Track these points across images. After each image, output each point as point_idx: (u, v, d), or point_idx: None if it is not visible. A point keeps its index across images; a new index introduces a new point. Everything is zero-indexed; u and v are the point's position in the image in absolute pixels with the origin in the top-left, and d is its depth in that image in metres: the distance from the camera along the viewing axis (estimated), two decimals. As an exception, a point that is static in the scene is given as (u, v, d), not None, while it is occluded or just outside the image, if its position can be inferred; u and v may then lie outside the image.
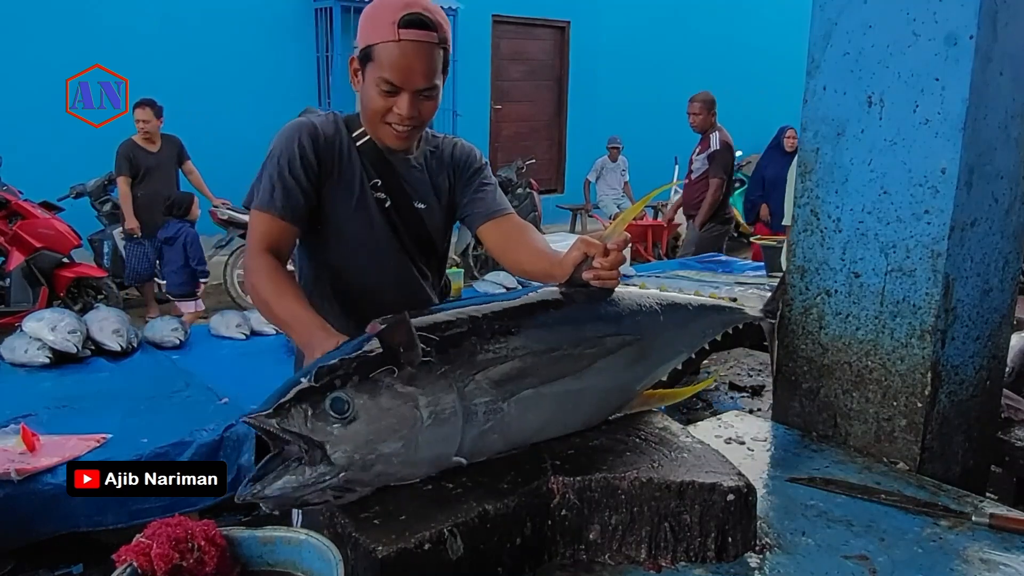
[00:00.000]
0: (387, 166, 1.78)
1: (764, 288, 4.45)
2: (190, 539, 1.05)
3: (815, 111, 1.81)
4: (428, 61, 1.60)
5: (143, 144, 6.26)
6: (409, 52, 1.58)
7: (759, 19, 12.77)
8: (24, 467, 2.26)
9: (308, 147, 1.70)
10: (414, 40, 1.57)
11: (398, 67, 1.59)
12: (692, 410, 4.77)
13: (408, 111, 1.63)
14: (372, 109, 1.66)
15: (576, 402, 1.41)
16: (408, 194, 1.81)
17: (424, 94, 1.64)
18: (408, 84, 1.61)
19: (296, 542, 1.10)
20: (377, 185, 1.77)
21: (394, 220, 1.80)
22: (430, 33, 1.59)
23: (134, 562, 1.02)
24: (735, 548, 1.28)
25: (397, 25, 1.56)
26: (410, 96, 1.62)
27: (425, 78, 1.61)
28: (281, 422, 1.16)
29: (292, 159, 1.68)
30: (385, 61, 1.59)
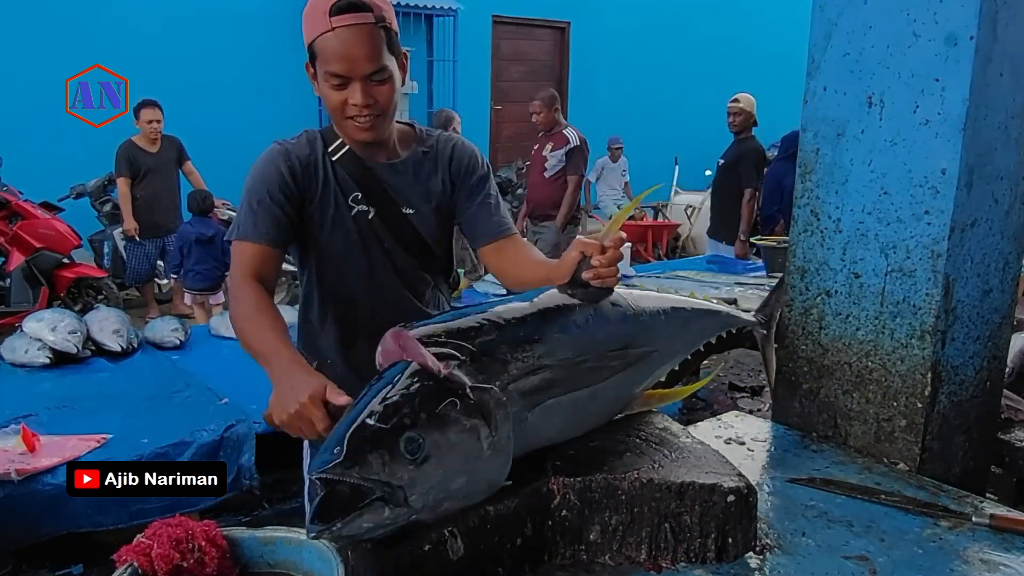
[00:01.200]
0: (368, 175, 1.73)
1: (764, 288, 4.45)
2: (191, 539, 1.05)
3: (815, 111, 1.81)
4: (368, 43, 1.55)
5: (143, 145, 6.26)
6: (347, 38, 1.53)
7: (759, 20, 12.76)
8: (24, 467, 2.26)
9: (284, 171, 1.68)
10: (348, 24, 1.53)
11: (339, 56, 1.54)
12: (692, 411, 4.77)
13: (362, 99, 1.57)
14: (331, 107, 1.62)
15: (590, 409, 1.40)
16: (395, 201, 1.75)
17: (374, 78, 1.58)
18: (354, 71, 1.56)
19: (297, 543, 1.11)
20: (357, 198, 1.72)
21: (379, 231, 1.75)
22: (363, 15, 1.54)
23: (135, 562, 1.02)
24: (735, 549, 1.28)
25: (328, 14, 1.53)
26: (360, 84, 1.56)
27: (369, 61, 1.55)
28: (361, 471, 1.06)
29: (270, 185, 1.66)
30: (327, 53, 1.55)
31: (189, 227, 5.88)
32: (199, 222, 5.88)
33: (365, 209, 1.72)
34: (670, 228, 9.86)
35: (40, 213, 5.90)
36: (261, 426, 2.71)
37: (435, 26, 10.14)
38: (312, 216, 1.73)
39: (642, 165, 10.52)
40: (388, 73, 1.59)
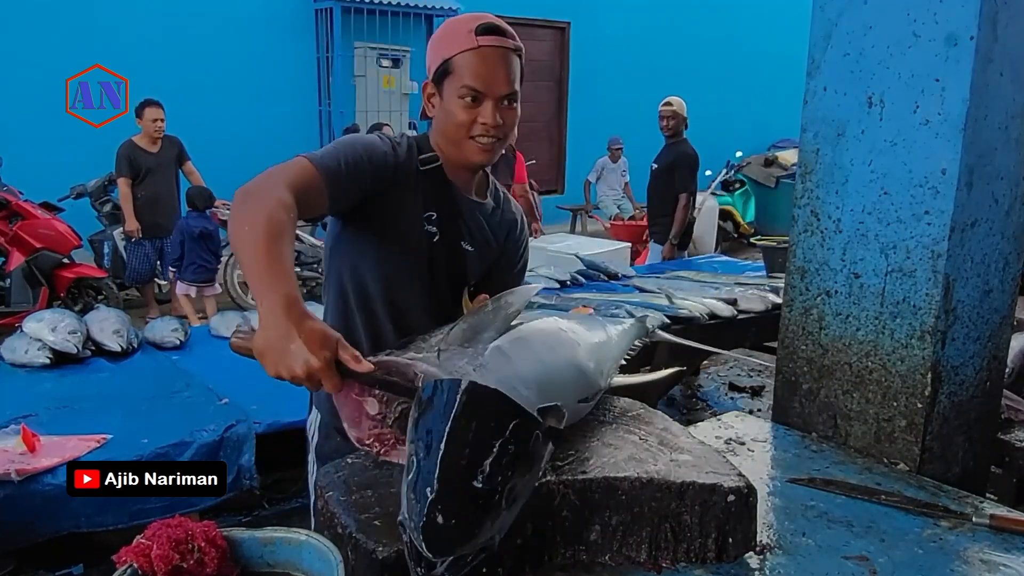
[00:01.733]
0: (448, 199, 1.71)
1: (764, 288, 4.46)
2: (190, 540, 1.05)
3: (815, 112, 1.81)
4: (509, 66, 1.61)
5: (143, 145, 6.26)
6: (490, 57, 1.58)
7: (759, 20, 12.77)
8: (24, 468, 2.26)
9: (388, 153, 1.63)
10: (493, 46, 1.59)
11: (480, 73, 1.57)
12: (692, 411, 4.78)
13: (492, 119, 1.59)
14: (455, 124, 1.61)
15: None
16: (460, 233, 1.73)
17: (507, 100, 1.61)
18: (492, 89, 1.59)
19: (296, 543, 1.11)
20: (431, 218, 1.69)
21: (437, 256, 1.71)
22: (507, 39, 1.62)
23: (134, 563, 1.02)
24: (735, 549, 1.28)
25: (475, 33, 1.58)
26: (493, 103, 1.59)
27: (507, 83, 1.60)
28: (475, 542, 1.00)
29: (370, 150, 1.59)
30: (466, 69, 1.58)
31: (189, 222, 5.96)
32: (199, 217, 5.97)
33: (433, 231, 1.69)
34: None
35: (40, 213, 5.90)
36: (261, 426, 2.72)
37: (435, 26, 10.14)
38: (383, 211, 1.65)
39: (642, 166, 10.51)
40: (518, 99, 1.64)
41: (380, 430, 1.28)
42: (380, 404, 1.25)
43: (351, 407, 1.29)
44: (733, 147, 11.03)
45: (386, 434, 1.28)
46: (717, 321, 3.99)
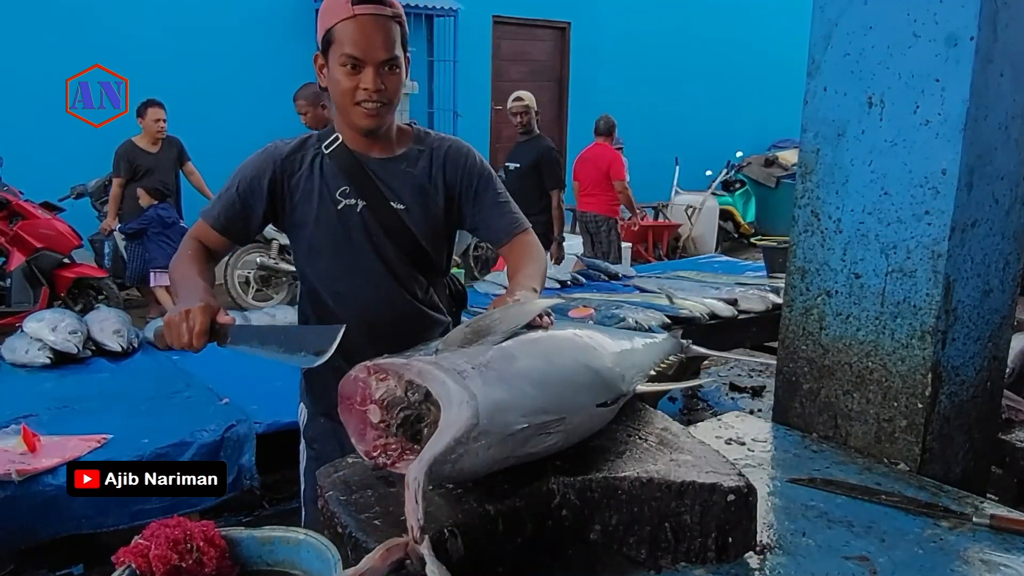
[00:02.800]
0: (358, 167, 1.79)
1: (764, 288, 4.45)
2: (189, 540, 1.05)
3: (815, 112, 1.80)
4: (386, 33, 1.67)
5: (143, 145, 6.27)
6: (367, 24, 1.65)
7: (760, 20, 12.76)
8: (25, 468, 2.26)
9: (262, 169, 1.78)
10: (369, 13, 1.65)
11: (357, 41, 1.65)
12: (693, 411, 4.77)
13: (373, 83, 1.67)
14: (340, 92, 1.70)
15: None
16: (383, 195, 1.79)
17: (387, 66, 1.68)
18: (370, 56, 1.65)
19: (295, 542, 1.11)
20: (345, 192, 1.78)
21: (368, 224, 1.79)
22: (383, 7, 1.66)
23: (132, 564, 1.02)
24: (735, 549, 1.28)
25: (351, 3, 1.64)
26: (373, 69, 1.66)
27: (385, 49, 1.66)
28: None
29: (242, 179, 1.79)
30: (345, 38, 1.65)
31: (159, 212, 6.12)
32: (161, 208, 6.13)
33: (353, 203, 1.78)
34: (670, 228, 9.86)
35: (40, 213, 5.90)
36: (262, 426, 2.71)
37: (435, 26, 10.15)
38: (296, 211, 1.81)
39: (643, 166, 10.51)
40: (399, 64, 1.70)
41: (385, 440, 1.27)
42: (382, 411, 1.25)
43: (355, 419, 1.28)
44: (733, 147, 11.03)
45: (391, 444, 1.27)
46: (718, 321, 3.99)
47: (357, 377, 1.26)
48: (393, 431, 1.26)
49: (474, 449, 1.13)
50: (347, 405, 1.28)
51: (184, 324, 1.46)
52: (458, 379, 1.16)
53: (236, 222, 1.80)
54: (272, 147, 1.83)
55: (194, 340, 1.46)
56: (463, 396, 1.14)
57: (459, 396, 1.14)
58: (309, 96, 5.38)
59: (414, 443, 1.25)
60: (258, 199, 1.79)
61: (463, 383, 1.16)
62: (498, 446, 1.16)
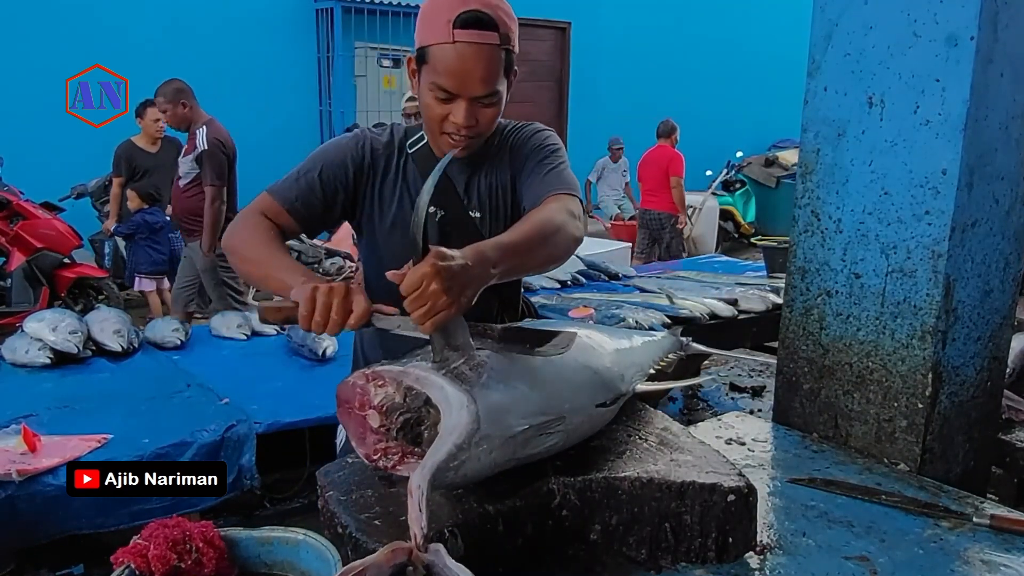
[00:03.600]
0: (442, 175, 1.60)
1: (765, 288, 4.45)
2: (188, 540, 1.05)
3: (816, 112, 1.80)
4: (487, 65, 1.46)
5: (143, 145, 6.26)
6: (466, 55, 1.44)
7: (760, 20, 12.77)
8: (25, 468, 2.26)
9: (349, 157, 1.61)
10: (471, 42, 1.43)
11: (453, 72, 1.45)
12: (693, 411, 4.77)
13: (465, 119, 1.49)
14: (428, 116, 1.54)
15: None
16: (462, 202, 1.64)
17: (483, 101, 1.50)
18: (465, 90, 1.47)
19: (294, 542, 1.11)
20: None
21: (446, 233, 1.62)
22: (489, 34, 1.44)
23: (132, 564, 1.02)
24: (736, 549, 1.28)
25: (452, 25, 1.42)
26: (467, 103, 1.48)
27: (484, 84, 1.47)
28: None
29: (327, 164, 1.60)
30: (440, 65, 1.46)
31: (140, 218, 6.11)
32: (148, 213, 6.12)
33: (433, 211, 1.60)
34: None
35: (41, 213, 5.90)
36: (262, 426, 2.71)
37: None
38: (375, 214, 1.65)
39: (643, 165, 10.52)
40: (498, 97, 1.52)
41: (386, 444, 1.27)
42: (381, 416, 1.25)
43: (354, 423, 1.28)
44: (733, 147, 11.04)
45: (392, 448, 1.27)
46: (718, 321, 3.99)
47: (355, 383, 1.26)
48: (393, 435, 1.26)
49: (476, 454, 1.13)
50: (345, 410, 1.28)
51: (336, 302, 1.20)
52: (456, 383, 1.16)
53: (314, 210, 1.60)
54: (363, 135, 1.66)
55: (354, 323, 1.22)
56: (462, 400, 1.13)
57: (458, 400, 1.13)
58: (169, 94, 5.07)
59: (414, 446, 1.25)
60: (342, 190, 1.61)
61: (462, 387, 1.15)
62: (500, 449, 1.16)
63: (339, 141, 1.66)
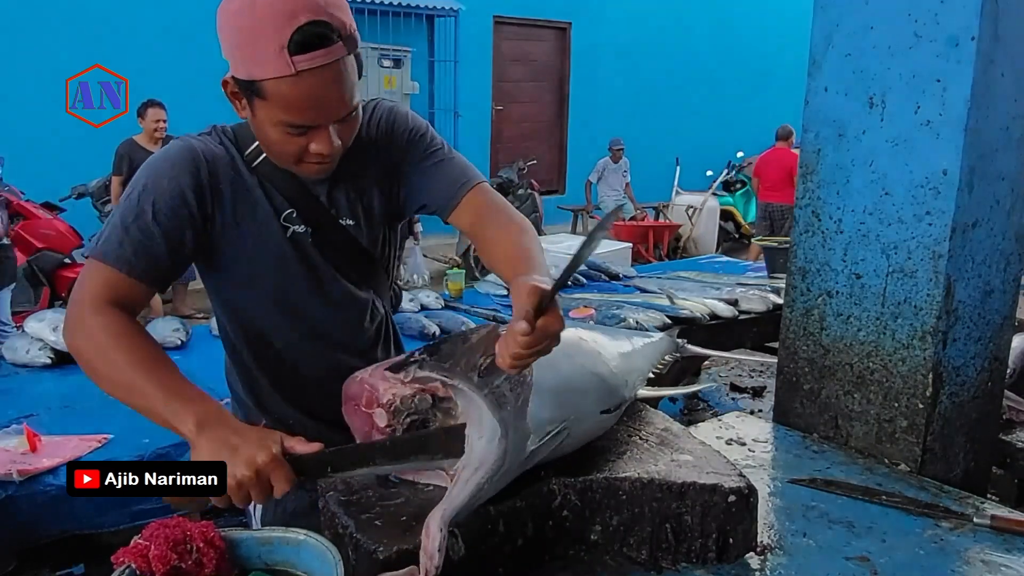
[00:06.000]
0: (298, 187, 1.38)
1: (766, 289, 4.45)
2: (188, 540, 1.05)
3: (816, 112, 1.80)
4: (343, 84, 1.21)
5: (144, 144, 6.26)
6: (316, 84, 1.18)
7: (760, 20, 12.77)
8: (26, 468, 2.25)
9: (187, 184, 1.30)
10: (318, 67, 1.16)
11: (305, 107, 1.20)
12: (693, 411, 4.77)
13: (328, 147, 1.26)
14: (278, 153, 1.30)
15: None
16: (330, 213, 1.42)
17: (345, 119, 1.27)
18: (324, 119, 1.24)
19: (295, 543, 1.10)
20: (292, 216, 1.38)
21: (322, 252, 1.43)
22: (332, 48, 1.17)
23: (132, 564, 1.01)
24: (736, 549, 1.28)
25: (288, 51, 1.14)
26: (328, 129, 1.25)
27: (344, 104, 1.24)
28: None
29: (159, 201, 1.28)
30: (285, 101, 1.19)
31: None
32: None
33: (303, 231, 1.40)
34: (671, 229, 9.86)
35: (41, 213, 5.91)
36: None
37: (436, 26, 10.15)
38: (226, 240, 1.37)
39: (643, 166, 10.53)
40: (357, 106, 1.29)
41: None
42: (388, 416, 1.25)
43: (360, 421, 1.28)
44: (734, 147, 11.03)
45: None
46: (718, 321, 3.99)
47: (363, 379, 1.26)
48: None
49: (495, 485, 1.12)
50: (352, 407, 1.27)
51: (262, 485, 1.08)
52: (495, 407, 1.11)
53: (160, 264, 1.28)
54: (193, 149, 1.34)
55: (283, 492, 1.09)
56: (495, 431, 1.10)
57: (491, 430, 1.10)
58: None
59: None
60: (189, 227, 1.31)
61: (499, 413, 1.10)
62: (514, 472, 1.17)
63: (166, 160, 1.32)
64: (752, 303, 4.15)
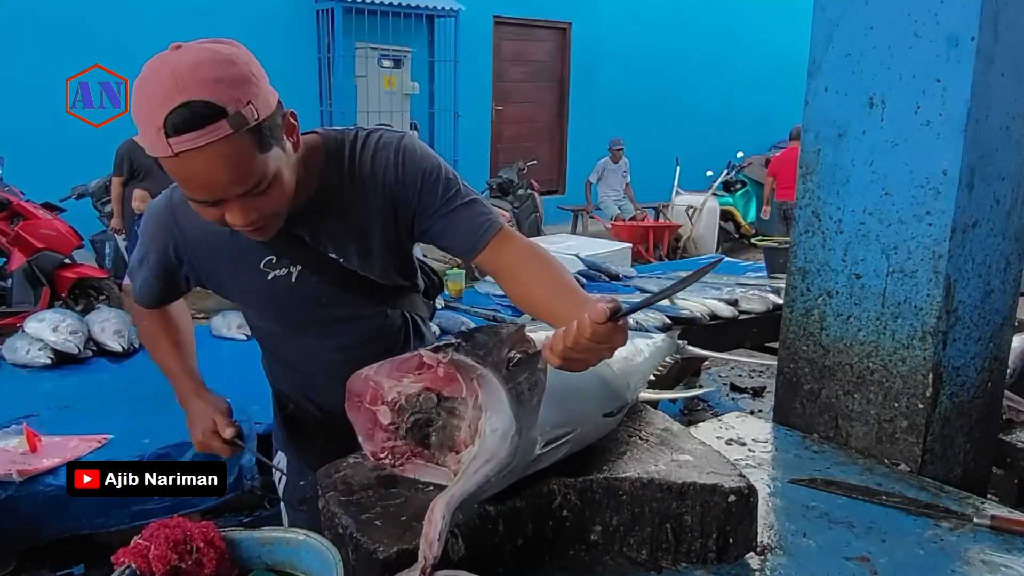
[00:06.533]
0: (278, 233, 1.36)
1: (766, 289, 4.45)
2: (188, 541, 1.05)
3: (816, 112, 1.80)
4: (227, 165, 1.16)
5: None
6: (195, 166, 1.15)
7: (760, 21, 12.77)
8: (26, 468, 2.26)
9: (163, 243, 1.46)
10: (192, 149, 1.13)
11: (194, 186, 1.20)
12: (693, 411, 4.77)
13: (241, 220, 1.24)
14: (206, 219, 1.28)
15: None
16: (316, 251, 1.43)
17: (252, 193, 1.22)
18: (220, 195, 1.21)
19: (295, 543, 1.11)
20: (271, 262, 1.43)
21: (315, 283, 1.46)
22: (209, 129, 1.12)
23: (132, 564, 1.02)
24: (736, 549, 1.28)
25: (164, 134, 1.12)
26: (235, 203, 1.22)
27: (236, 184, 1.19)
28: None
29: (152, 248, 1.48)
30: (179, 179, 1.21)
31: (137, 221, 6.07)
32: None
33: (284, 273, 1.44)
34: (671, 229, 9.86)
35: (41, 213, 5.90)
36: (262, 427, 2.71)
37: (436, 27, 10.15)
38: (210, 282, 1.52)
39: (643, 166, 10.53)
40: (268, 180, 1.22)
41: (394, 443, 1.27)
42: (392, 413, 1.24)
43: (363, 418, 1.28)
44: (734, 147, 11.03)
45: (400, 447, 1.27)
46: (718, 322, 3.99)
47: (368, 376, 1.25)
48: (402, 434, 1.25)
49: (500, 483, 1.12)
50: (355, 403, 1.27)
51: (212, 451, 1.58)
52: (515, 404, 1.10)
53: (178, 286, 1.56)
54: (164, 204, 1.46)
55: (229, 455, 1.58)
56: (510, 429, 1.09)
57: (507, 427, 1.10)
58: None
59: (422, 447, 1.25)
60: (175, 270, 1.51)
61: (518, 411, 1.10)
62: (519, 473, 1.17)
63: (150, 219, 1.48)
64: (752, 303, 4.15)
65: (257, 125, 1.18)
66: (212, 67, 1.15)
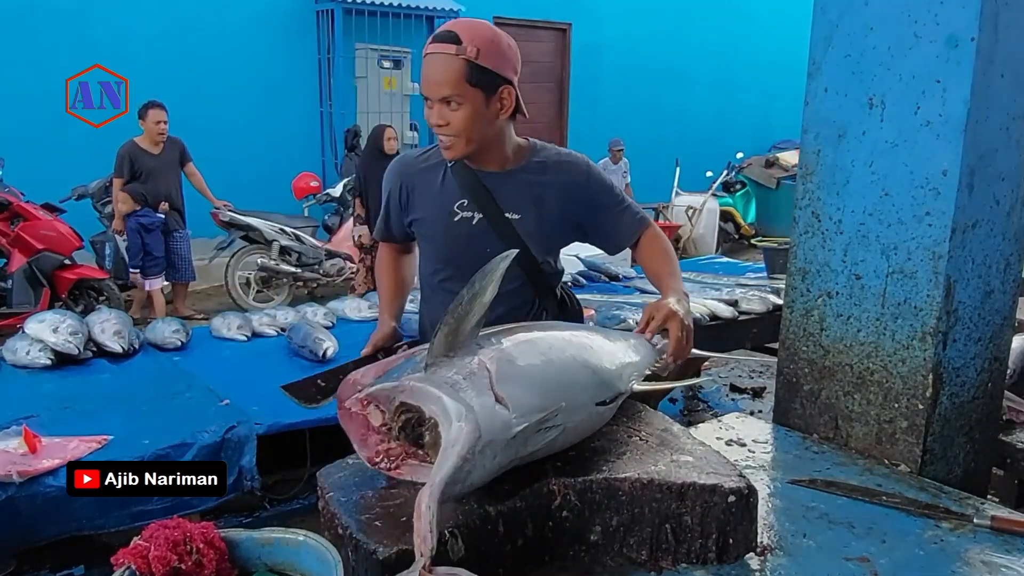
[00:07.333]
0: (475, 182, 1.83)
1: (766, 289, 4.45)
2: (188, 541, 1.05)
3: (816, 113, 1.80)
4: (441, 71, 1.67)
5: (145, 146, 6.26)
6: (428, 63, 1.70)
7: (760, 21, 12.76)
8: (26, 469, 2.25)
9: (395, 182, 1.93)
10: (432, 53, 1.69)
11: (424, 77, 1.72)
12: (693, 412, 4.77)
13: (435, 119, 1.71)
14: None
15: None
16: (499, 207, 1.83)
17: (448, 104, 1.69)
18: (430, 93, 1.70)
19: (295, 543, 1.11)
20: (463, 204, 1.84)
21: (484, 234, 1.83)
22: (447, 45, 1.67)
23: (132, 565, 1.02)
24: (736, 550, 1.28)
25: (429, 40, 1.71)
26: (435, 105, 1.70)
27: (439, 87, 1.68)
28: None
29: (388, 192, 1.96)
30: (422, 76, 1.74)
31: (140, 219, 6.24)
32: (143, 214, 6.25)
33: (469, 215, 1.84)
34: (671, 229, 9.85)
35: (42, 214, 5.90)
36: (263, 427, 2.71)
37: (436, 28, 10.12)
38: (423, 218, 1.91)
39: (643, 167, 10.52)
40: (461, 101, 1.69)
41: (387, 445, 1.27)
42: (382, 415, 1.25)
43: (356, 425, 1.28)
44: (734, 148, 11.03)
45: (394, 449, 1.27)
46: (718, 322, 3.99)
47: (356, 381, 1.26)
48: (395, 435, 1.26)
49: (481, 462, 1.13)
50: (346, 411, 1.27)
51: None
52: (452, 393, 1.15)
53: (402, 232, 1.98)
54: (400, 159, 1.99)
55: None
56: (460, 410, 1.13)
57: (456, 411, 1.13)
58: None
59: (416, 447, 1.25)
60: (397, 209, 1.95)
61: (458, 396, 1.15)
62: (503, 452, 1.17)
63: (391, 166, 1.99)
64: (752, 304, 4.15)
65: (480, 68, 1.67)
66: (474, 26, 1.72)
